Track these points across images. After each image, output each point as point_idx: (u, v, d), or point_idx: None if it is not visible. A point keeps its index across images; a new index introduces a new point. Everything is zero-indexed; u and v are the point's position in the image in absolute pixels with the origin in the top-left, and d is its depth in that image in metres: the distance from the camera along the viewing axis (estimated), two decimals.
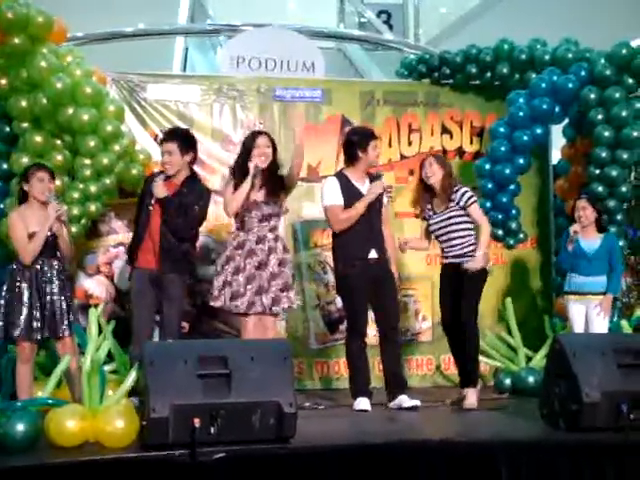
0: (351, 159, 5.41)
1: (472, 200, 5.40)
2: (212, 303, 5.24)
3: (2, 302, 4.86)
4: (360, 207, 5.28)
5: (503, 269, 6.84)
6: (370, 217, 5.33)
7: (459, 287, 5.37)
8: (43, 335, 4.86)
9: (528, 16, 10.58)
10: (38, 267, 4.87)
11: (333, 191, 5.35)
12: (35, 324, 4.82)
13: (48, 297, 4.86)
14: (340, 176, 5.44)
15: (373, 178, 5.43)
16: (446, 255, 5.48)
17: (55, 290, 4.89)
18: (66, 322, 4.89)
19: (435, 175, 5.41)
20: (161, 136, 5.40)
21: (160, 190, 5.11)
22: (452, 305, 5.41)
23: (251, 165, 5.16)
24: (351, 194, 5.32)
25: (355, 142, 5.40)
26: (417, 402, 5.17)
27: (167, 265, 5.14)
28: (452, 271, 5.42)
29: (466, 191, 5.42)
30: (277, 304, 5.21)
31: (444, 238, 5.45)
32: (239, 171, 5.25)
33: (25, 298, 4.83)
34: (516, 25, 9.35)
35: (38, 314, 4.83)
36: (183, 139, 5.25)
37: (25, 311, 4.82)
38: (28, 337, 4.82)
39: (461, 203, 5.38)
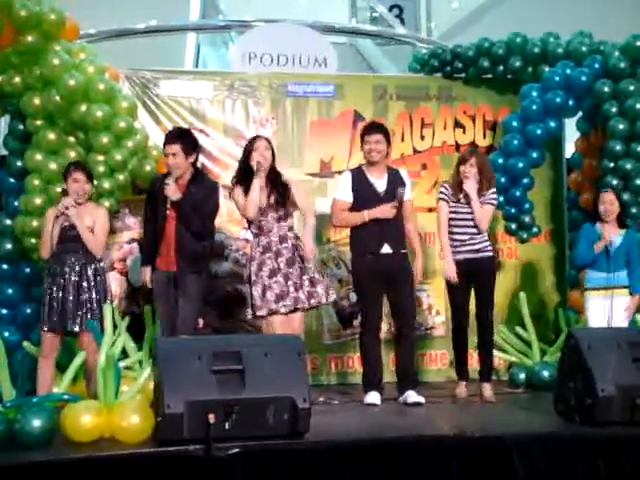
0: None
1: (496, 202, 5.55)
2: (258, 313, 5.16)
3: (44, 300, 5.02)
4: (360, 218, 5.27)
5: (517, 263, 6.83)
6: None
7: (475, 284, 5.42)
8: (58, 327, 4.94)
9: (540, 9, 10.55)
10: (60, 262, 4.98)
11: (343, 186, 5.38)
12: (52, 317, 4.93)
13: (61, 292, 4.94)
14: (356, 171, 5.44)
15: (393, 175, 5.38)
16: (460, 250, 5.42)
17: (70, 284, 4.96)
18: (77, 317, 4.93)
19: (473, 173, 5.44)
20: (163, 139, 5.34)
21: (173, 192, 5.09)
22: (466, 303, 5.47)
23: (253, 163, 5.18)
24: (364, 190, 5.32)
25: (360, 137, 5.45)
26: (421, 399, 5.21)
27: (185, 265, 5.12)
28: (466, 268, 5.39)
29: (495, 191, 5.53)
30: (312, 298, 5.23)
31: (471, 230, 5.41)
32: (242, 174, 5.25)
33: (48, 294, 4.97)
34: (528, 18, 9.33)
35: (55, 308, 4.93)
36: (186, 140, 5.22)
37: (47, 306, 4.96)
38: (49, 329, 4.95)
39: (485, 198, 5.41)
